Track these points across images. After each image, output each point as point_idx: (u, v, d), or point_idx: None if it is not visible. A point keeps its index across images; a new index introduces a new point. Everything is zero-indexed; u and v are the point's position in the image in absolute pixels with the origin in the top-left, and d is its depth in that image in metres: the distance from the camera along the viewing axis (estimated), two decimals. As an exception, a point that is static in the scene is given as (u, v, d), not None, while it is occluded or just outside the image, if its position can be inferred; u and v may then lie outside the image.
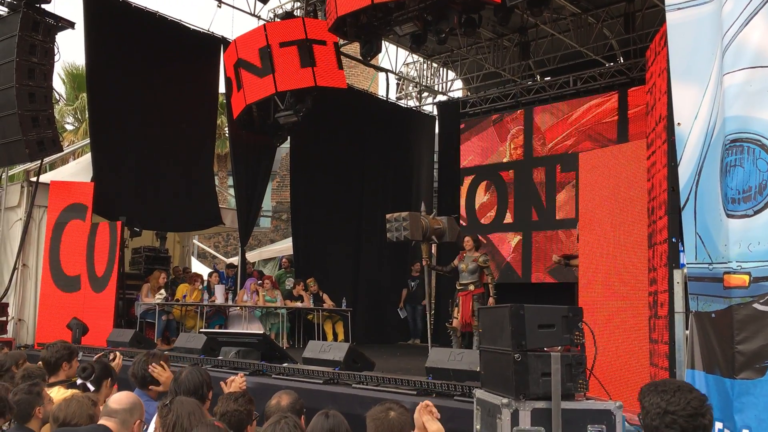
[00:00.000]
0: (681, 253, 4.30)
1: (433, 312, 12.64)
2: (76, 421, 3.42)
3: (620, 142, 11.09)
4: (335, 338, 12.22)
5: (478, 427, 4.07)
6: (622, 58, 13.28)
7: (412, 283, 14.11)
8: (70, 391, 4.34)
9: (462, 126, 14.98)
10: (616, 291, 5.23)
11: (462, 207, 14.67)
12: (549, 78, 14.07)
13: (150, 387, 4.13)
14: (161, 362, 4.22)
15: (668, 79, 4.24)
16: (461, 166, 14.85)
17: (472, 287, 9.51)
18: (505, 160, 14.10)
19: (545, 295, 12.42)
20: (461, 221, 14.35)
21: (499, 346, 3.89)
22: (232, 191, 16.25)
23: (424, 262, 9.55)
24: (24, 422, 3.56)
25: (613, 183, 5.35)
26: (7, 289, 10.81)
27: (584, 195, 5.65)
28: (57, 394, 4.19)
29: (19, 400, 3.60)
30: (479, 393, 4.12)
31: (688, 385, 2.36)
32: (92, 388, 4.26)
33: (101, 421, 3.36)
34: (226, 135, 18.62)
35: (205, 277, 12.54)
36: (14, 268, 10.81)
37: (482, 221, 14.24)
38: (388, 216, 9.03)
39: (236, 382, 4.15)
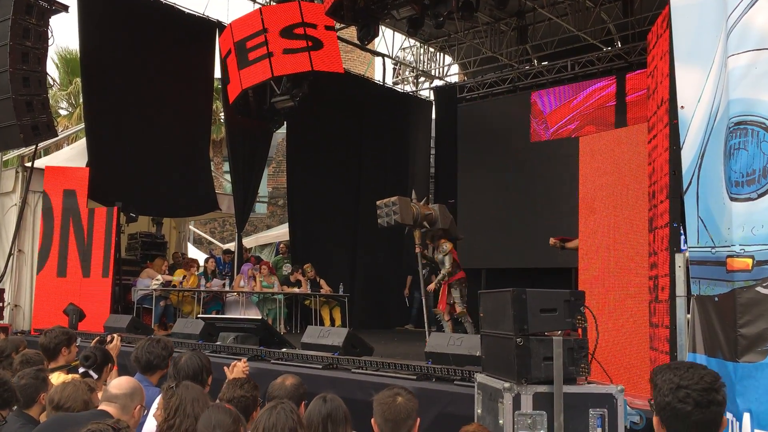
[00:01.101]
0: (681, 237, 4.29)
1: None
2: (70, 405, 3.41)
3: (618, 127, 11.06)
4: (332, 324, 12.22)
5: (479, 411, 4.07)
6: (619, 43, 13.23)
7: (424, 271, 14.02)
8: (70, 376, 4.33)
9: (460, 110, 14.91)
10: (616, 275, 5.22)
11: (461, 192, 14.62)
12: (546, 62, 14.03)
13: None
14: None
15: (671, 62, 4.21)
16: (460, 151, 14.79)
17: (447, 276, 9.41)
18: (506, 144, 14.01)
19: (541, 280, 12.44)
20: (460, 206, 14.34)
21: (500, 330, 3.88)
22: (227, 177, 16.19)
23: (417, 249, 9.53)
24: (26, 408, 3.53)
25: (614, 167, 5.33)
26: (2, 275, 10.76)
27: (585, 179, 5.63)
28: (57, 379, 4.17)
29: (25, 385, 3.58)
30: (480, 377, 4.12)
31: (701, 365, 2.35)
32: (95, 376, 4.25)
33: (101, 407, 3.35)
34: (221, 120, 18.58)
35: (202, 263, 12.52)
36: (10, 254, 10.75)
37: (482, 206, 14.19)
38: (378, 202, 9.06)
39: (239, 368, 4.14)
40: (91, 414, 3.27)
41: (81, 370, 4.30)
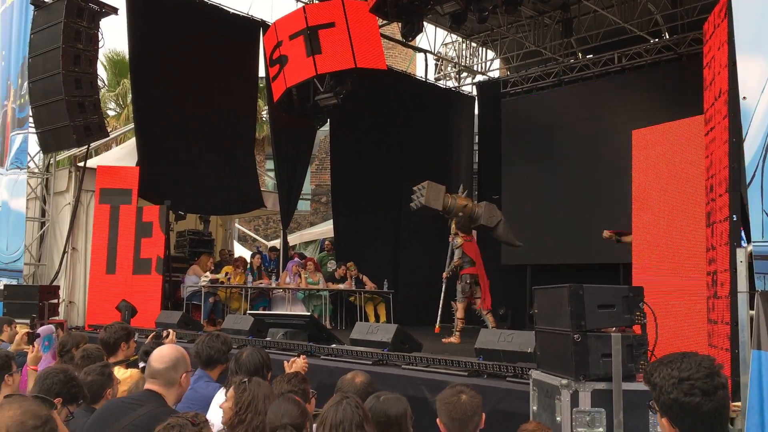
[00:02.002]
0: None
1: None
2: None
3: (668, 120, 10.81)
4: (377, 320, 12.26)
5: (534, 408, 4.04)
6: (667, 34, 12.94)
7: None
8: (129, 371, 4.43)
9: (504, 105, 14.74)
10: (672, 271, 5.11)
11: (505, 188, 14.44)
12: (592, 55, 13.79)
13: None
14: None
15: (729, 53, 4.11)
16: (505, 146, 14.62)
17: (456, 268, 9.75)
18: (556, 137, 13.79)
19: (588, 276, 12.21)
20: (505, 202, 14.17)
21: (556, 326, 3.85)
22: (270, 174, 16.34)
23: (450, 238, 9.78)
24: (93, 403, 3.58)
25: (669, 160, 5.22)
26: (57, 272, 11.06)
27: (638, 173, 5.53)
28: (117, 374, 4.26)
29: (92, 381, 3.62)
30: (535, 374, 4.08)
31: (692, 352, 2.22)
32: None
33: (147, 384, 3.30)
34: (264, 119, 18.75)
35: (247, 259, 12.68)
36: (64, 252, 11.04)
37: (527, 201, 14.00)
38: (414, 187, 9.48)
39: (298, 364, 4.18)
40: (141, 396, 3.22)
41: (141, 364, 4.38)
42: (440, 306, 10.00)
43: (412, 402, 3.49)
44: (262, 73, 13.26)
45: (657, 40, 12.90)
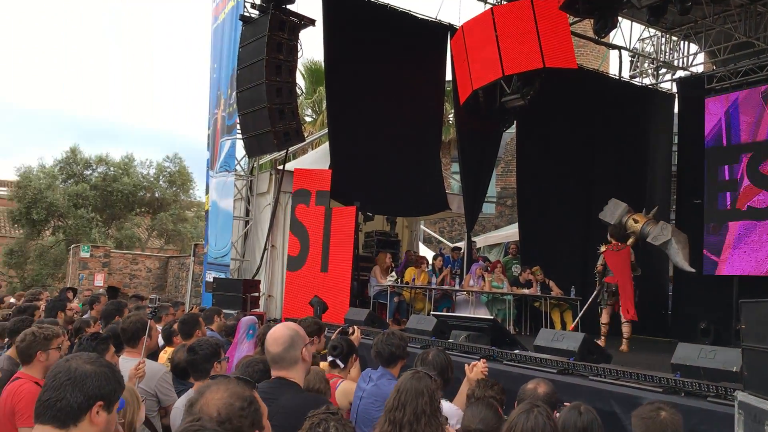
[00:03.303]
0: None
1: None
2: (317, 387, 3.79)
3: None
4: (563, 327, 11.84)
5: (740, 433, 3.67)
6: None
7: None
8: (321, 364, 4.65)
9: (711, 102, 13.56)
10: None
11: (708, 192, 13.27)
12: (816, 45, 12.31)
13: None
14: None
15: None
16: (710, 146, 13.43)
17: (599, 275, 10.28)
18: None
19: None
20: (714, 205, 13.04)
21: (767, 345, 3.47)
22: (456, 177, 16.42)
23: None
24: None
25: None
26: (258, 268, 11.94)
27: None
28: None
29: None
30: (742, 396, 3.71)
31: None
32: (341, 365, 4.52)
33: (273, 372, 3.20)
34: (450, 122, 18.91)
35: (430, 261, 12.83)
36: (264, 249, 11.89)
37: (744, 206, 12.71)
38: None
39: (478, 368, 4.17)
40: (271, 387, 3.10)
41: (329, 358, 4.58)
42: (582, 310, 10.49)
43: (600, 416, 3.32)
44: (448, 76, 13.37)
45: None
